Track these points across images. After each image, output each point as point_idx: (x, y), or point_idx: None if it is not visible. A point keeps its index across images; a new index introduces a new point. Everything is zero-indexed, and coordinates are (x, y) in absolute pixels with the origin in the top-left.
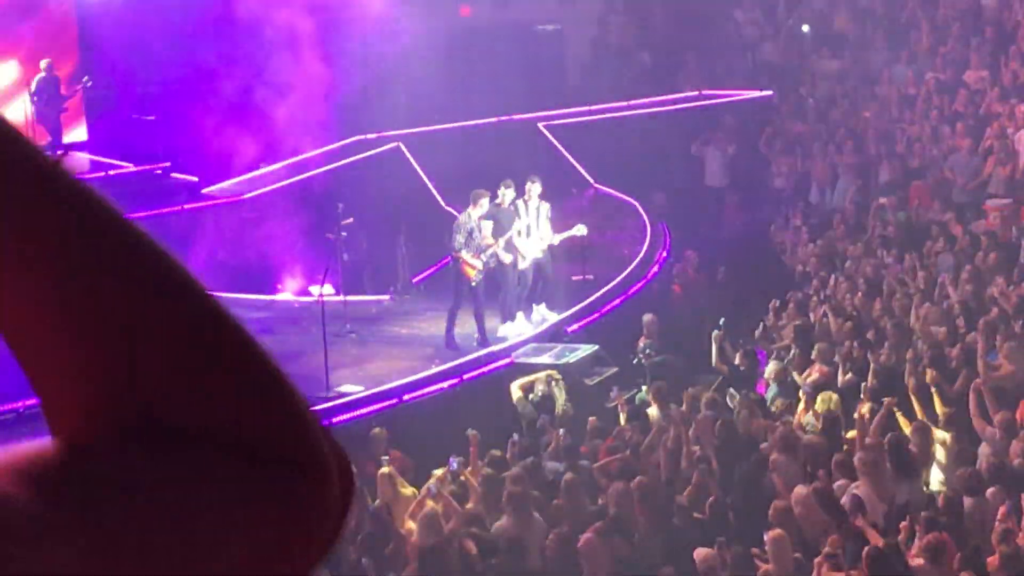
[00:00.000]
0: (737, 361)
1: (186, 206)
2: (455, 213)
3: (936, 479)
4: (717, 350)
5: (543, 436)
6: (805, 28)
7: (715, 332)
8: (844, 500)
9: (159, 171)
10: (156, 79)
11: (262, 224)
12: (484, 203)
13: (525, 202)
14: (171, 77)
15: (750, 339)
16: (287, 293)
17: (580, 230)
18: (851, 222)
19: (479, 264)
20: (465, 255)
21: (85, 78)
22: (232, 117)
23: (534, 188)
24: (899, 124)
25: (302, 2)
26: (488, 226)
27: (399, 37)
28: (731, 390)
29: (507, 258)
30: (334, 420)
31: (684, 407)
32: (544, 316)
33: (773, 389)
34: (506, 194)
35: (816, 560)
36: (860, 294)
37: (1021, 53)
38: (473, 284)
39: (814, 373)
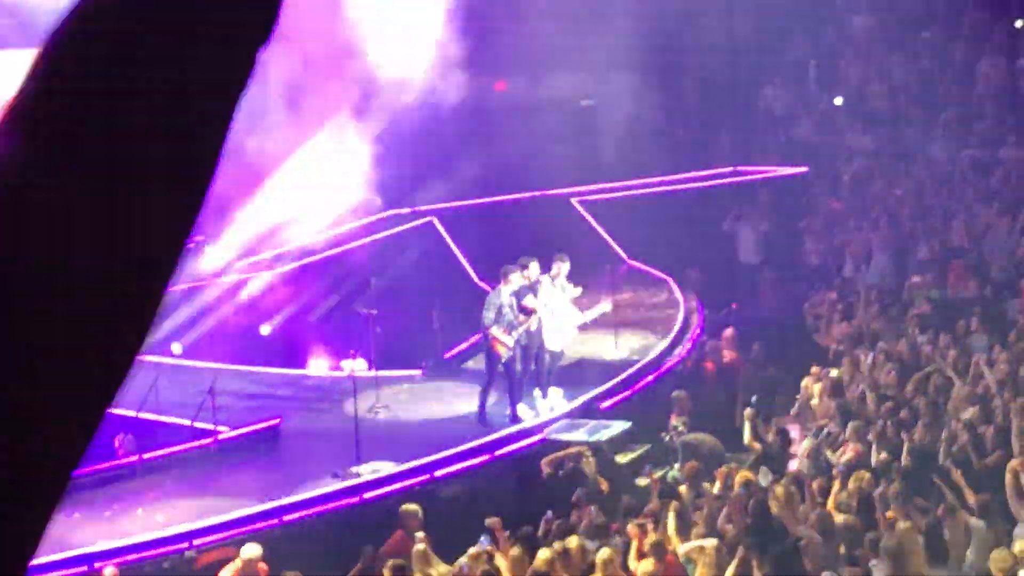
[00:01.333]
0: (769, 439)
1: (219, 278)
2: (488, 288)
3: (968, 563)
4: (750, 428)
5: (576, 512)
6: (838, 101)
7: (748, 410)
8: None
9: (192, 243)
10: None
11: (295, 298)
12: (515, 279)
13: (552, 279)
14: None
15: (783, 417)
16: (319, 368)
17: (605, 307)
18: (886, 300)
19: (510, 341)
20: (496, 332)
21: None
22: (266, 189)
23: (563, 267)
24: (935, 201)
25: (339, 76)
26: (529, 300)
27: (434, 111)
28: (764, 468)
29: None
30: (365, 496)
31: (718, 486)
32: (558, 399)
33: (806, 466)
34: (532, 272)
35: None
36: (894, 373)
37: None
38: (503, 361)
39: (848, 452)
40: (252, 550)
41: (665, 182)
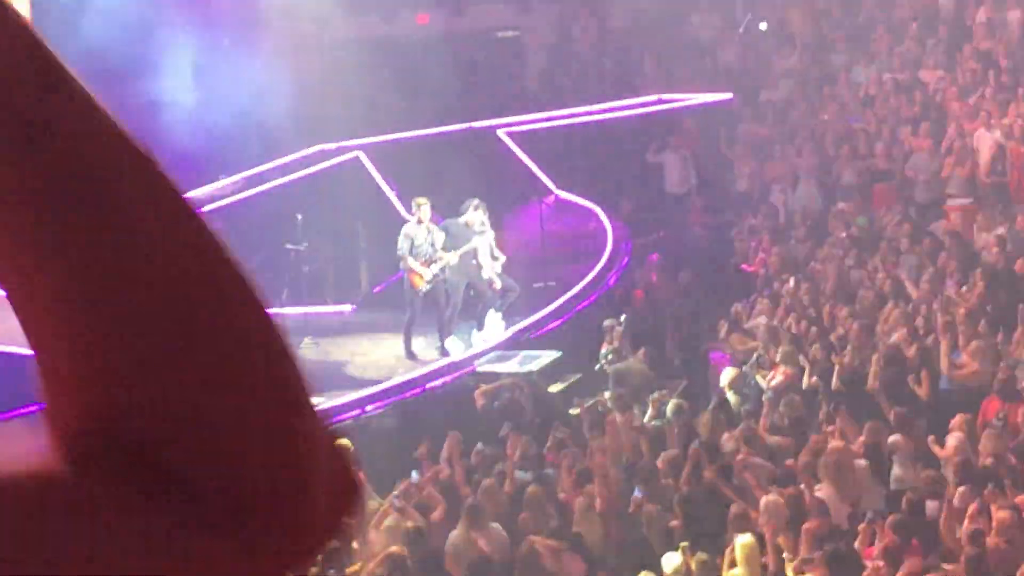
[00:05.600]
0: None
1: None
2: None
3: (894, 477)
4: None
5: (506, 445)
6: (763, 26)
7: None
8: (808, 503)
9: None
10: (114, 90)
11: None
12: (425, 211)
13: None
14: (125, 91)
15: (713, 343)
16: None
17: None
18: (812, 225)
19: (427, 274)
20: (411, 263)
21: None
22: (188, 129)
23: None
24: (859, 125)
25: (258, 15)
26: (440, 238)
27: (357, 46)
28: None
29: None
30: None
31: (650, 412)
32: (496, 330)
33: (730, 396)
34: (423, 212)
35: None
36: (823, 297)
37: (977, 52)
38: (420, 293)
39: (778, 376)
40: None
41: (591, 112)
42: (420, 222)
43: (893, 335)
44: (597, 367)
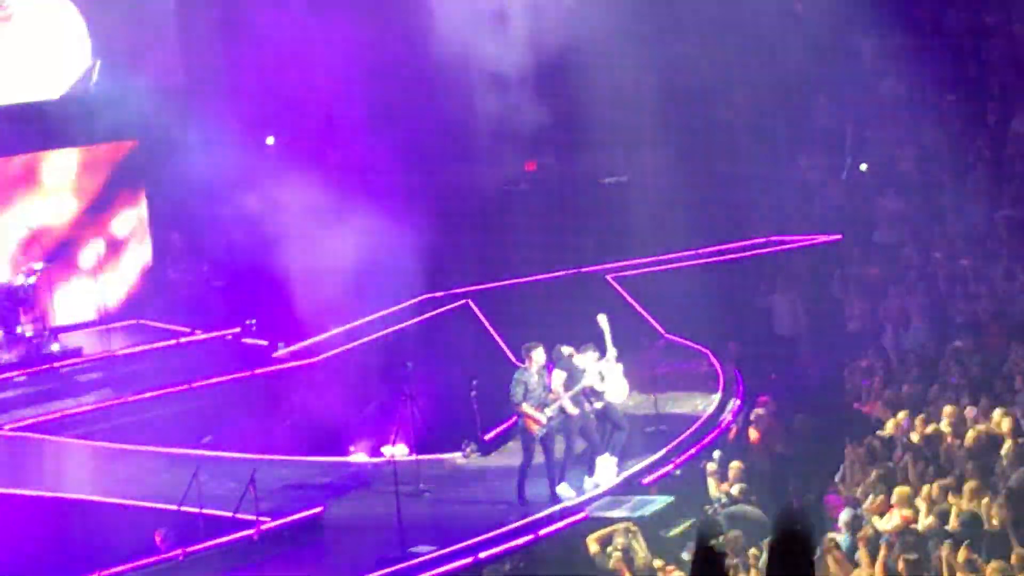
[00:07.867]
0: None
1: (257, 371)
2: None
3: None
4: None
5: None
6: (863, 167)
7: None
8: None
9: (229, 336)
10: (223, 246)
11: (333, 386)
12: (537, 355)
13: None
14: (237, 244)
15: (829, 485)
16: (360, 454)
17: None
18: (926, 364)
19: (542, 418)
20: (527, 408)
21: None
22: (300, 281)
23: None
24: (971, 263)
25: (368, 160)
26: (560, 377)
27: (466, 193)
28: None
29: (573, 410)
30: None
31: (764, 557)
32: (609, 474)
33: (845, 538)
34: (536, 357)
35: None
36: (939, 436)
37: None
38: (537, 438)
39: (894, 518)
40: None
41: (699, 254)
42: (532, 367)
43: (1015, 474)
44: (710, 511)
